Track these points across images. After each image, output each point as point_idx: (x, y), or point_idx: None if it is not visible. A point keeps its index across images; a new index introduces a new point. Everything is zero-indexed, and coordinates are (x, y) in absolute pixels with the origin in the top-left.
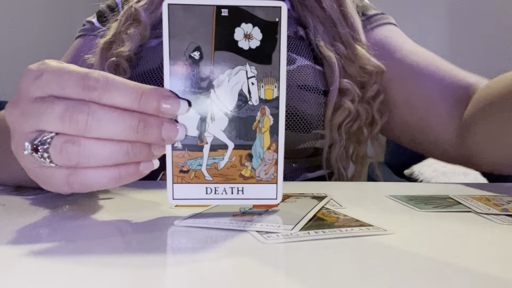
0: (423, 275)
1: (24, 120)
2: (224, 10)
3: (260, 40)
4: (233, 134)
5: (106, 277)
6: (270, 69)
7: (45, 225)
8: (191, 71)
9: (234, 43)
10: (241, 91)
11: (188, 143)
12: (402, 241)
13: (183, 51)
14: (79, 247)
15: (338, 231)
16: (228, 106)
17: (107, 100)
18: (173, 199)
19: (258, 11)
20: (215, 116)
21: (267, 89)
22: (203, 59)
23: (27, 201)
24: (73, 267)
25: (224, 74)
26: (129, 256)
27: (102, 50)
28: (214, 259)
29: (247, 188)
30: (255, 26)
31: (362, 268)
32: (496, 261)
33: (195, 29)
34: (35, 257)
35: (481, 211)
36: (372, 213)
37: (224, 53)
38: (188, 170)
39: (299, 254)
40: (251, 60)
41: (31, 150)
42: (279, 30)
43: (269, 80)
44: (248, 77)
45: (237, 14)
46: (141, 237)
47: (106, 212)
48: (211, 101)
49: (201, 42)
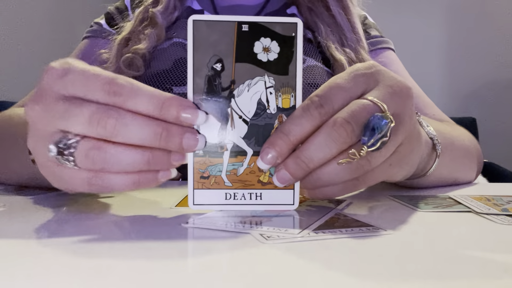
0: (423, 275)
1: (47, 118)
2: (244, 25)
3: (278, 53)
4: (252, 141)
5: (108, 276)
6: (287, 80)
7: (47, 225)
8: (213, 82)
9: (254, 56)
10: (260, 100)
11: (209, 149)
12: (402, 241)
13: (206, 63)
14: (81, 246)
15: (338, 232)
16: (247, 114)
17: (131, 106)
18: (193, 205)
19: (276, 27)
20: (235, 124)
21: (284, 98)
22: (224, 71)
23: (27, 201)
24: (75, 266)
25: (244, 84)
26: (129, 256)
27: (119, 45)
28: (214, 259)
29: (265, 194)
30: (273, 40)
31: (362, 268)
32: (496, 261)
33: (218, 43)
34: (37, 257)
35: (481, 211)
36: (372, 213)
37: (244, 65)
38: (208, 176)
39: (299, 254)
40: (269, 71)
41: (56, 153)
42: (295, 43)
43: (286, 90)
44: (267, 87)
45: (256, 29)
46: (141, 237)
47: (107, 212)
48: (231, 110)
49: (223, 54)
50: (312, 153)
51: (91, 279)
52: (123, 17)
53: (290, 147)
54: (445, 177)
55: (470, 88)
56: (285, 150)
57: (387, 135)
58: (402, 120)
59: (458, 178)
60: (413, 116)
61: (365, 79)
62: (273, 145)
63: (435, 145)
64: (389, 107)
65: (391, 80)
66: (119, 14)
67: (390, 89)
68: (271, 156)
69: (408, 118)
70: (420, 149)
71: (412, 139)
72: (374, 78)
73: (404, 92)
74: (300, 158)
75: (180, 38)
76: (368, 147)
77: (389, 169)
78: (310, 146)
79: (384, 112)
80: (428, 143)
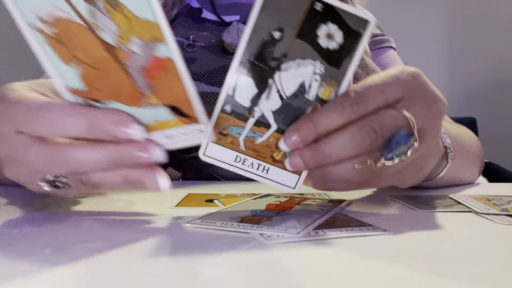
0: (423, 275)
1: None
2: (319, 4)
3: (339, 44)
4: (280, 118)
5: (108, 276)
6: (336, 73)
7: (45, 224)
8: (266, 48)
9: (315, 37)
10: (303, 83)
11: (237, 110)
12: (402, 241)
13: (267, 26)
14: (80, 246)
15: (338, 231)
16: (286, 91)
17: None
18: (203, 155)
19: (348, 17)
20: (271, 96)
21: (326, 89)
22: (281, 41)
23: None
24: (75, 265)
25: (294, 62)
26: (129, 255)
27: None
28: (214, 259)
29: (272, 170)
30: (340, 30)
31: (362, 268)
32: (496, 261)
33: (286, 11)
34: (37, 256)
35: (481, 211)
36: (372, 212)
37: (302, 43)
38: (227, 134)
39: (299, 254)
40: (323, 59)
41: (49, 187)
42: (359, 41)
43: (331, 82)
44: (314, 73)
45: (328, 12)
46: (141, 237)
47: (107, 211)
48: (272, 81)
49: (286, 25)
50: (332, 150)
51: (91, 278)
52: None
53: (315, 136)
54: (450, 180)
55: (470, 88)
56: (309, 138)
57: (407, 153)
58: (425, 137)
59: (462, 180)
60: (438, 133)
61: (405, 86)
62: (298, 130)
63: (448, 154)
64: (417, 122)
65: (429, 94)
66: None
67: (425, 105)
68: (294, 140)
69: (432, 135)
70: (435, 160)
71: (429, 154)
72: (414, 88)
73: (439, 108)
74: (318, 151)
75: (179, 36)
76: (386, 160)
77: (400, 178)
78: (332, 143)
79: (411, 128)
80: (441, 151)
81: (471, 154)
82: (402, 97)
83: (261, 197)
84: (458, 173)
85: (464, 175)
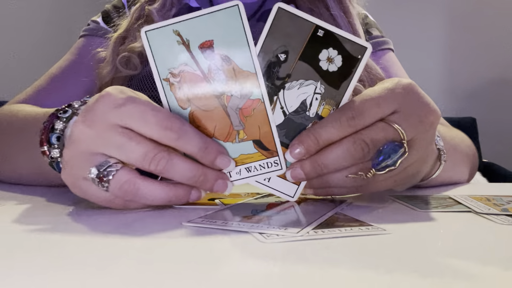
0: (423, 275)
1: (97, 144)
2: (321, 31)
3: (338, 67)
4: (282, 132)
5: (108, 275)
6: (334, 94)
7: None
8: (272, 68)
9: (317, 61)
10: (304, 101)
11: None
12: (402, 241)
13: (273, 49)
14: (80, 245)
15: (338, 231)
16: (289, 108)
17: (182, 144)
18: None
19: (347, 44)
20: (275, 111)
21: (325, 108)
22: (286, 63)
23: (27, 200)
24: (74, 265)
25: (297, 82)
26: (129, 255)
27: (114, 44)
28: (213, 258)
29: (273, 179)
30: (339, 54)
31: (362, 268)
32: (496, 261)
33: (291, 36)
34: (36, 256)
35: (481, 211)
36: (372, 212)
37: (305, 65)
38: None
39: (299, 254)
40: (323, 80)
41: (96, 176)
42: (357, 66)
43: (330, 101)
44: (315, 92)
45: (329, 38)
46: (142, 236)
47: (107, 211)
48: (277, 98)
49: (291, 48)
50: (329, 161)
51: (91, 277)
52: (120, 15)
53: (317, 148)
54: (444, 180)
55: (470, 88)
56: (312, 150)
57: (395, 165)
58: (417, 147)
59: (454, 180)
60: (431, 142)
61: (400, 99)
62: (302, 143)
63: (441, 155)
64: (409, 134)
65: (422, 107)
66: (116, 12)
67: (418, 117)
68: (298, 151)
69: (424, 144)
70: (428, 164)
71: (422, 161)
72: (408, 101)
73: (431, 120)
74: (318, 162)
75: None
76: (377, 171)
77: (393, 184)
78: (329, 155)
79: (402, 140)
80: (435, 153)
81: (463, 155)
82: (396, 110)
83: (263, 197)
84: (451, 173)
85: (456, 175)
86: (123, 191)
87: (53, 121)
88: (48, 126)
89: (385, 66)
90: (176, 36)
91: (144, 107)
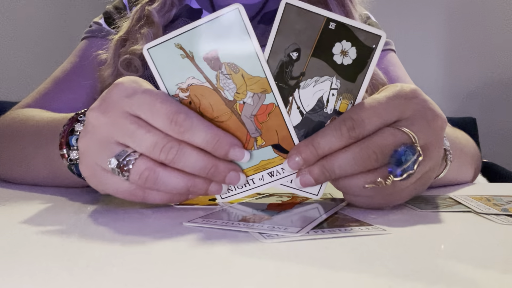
0: (422, 275)
1: (112, 131)
2: (332, 23)
3: (353, 59)
4: (301, 132)
5: (108, 275)
6: (351, 87)
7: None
8: (284, 68)
9: (330, 55)
10: (321, 98)
11: None
12: (402, 241)
13: (284, 48)
14: (79, 245)
15: (337, 231)
16: (306, 107)
17: (188, 138)
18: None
19: (360, 34)
20: (292, 112)
21: (343, 103)
22: (299, 61)
23: (27, 199)
24: (73, 264)
25: (312, 79)
26: (129, 254)
27: (115, 46)
28: (213, 258)
29: (296, 180)
30: (353, 46)
31: (361, 268)
32: (496, 261)
33: (301, 32)
34: (35, 256)
35: (481, 211)
36: (372, 212)
37: (318, 61)
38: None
39: (298, 253)
40: (338, 74)
41: (115, 166)
42: (372, 56)
43: (347, 96)
44: (331, 88)
45: (342, 30)
46: (142, 235)
47: (107, 211)
48: (292, 98)
49: (303, 45)
50: (336, 167)
51: (91, 277)
52: (122, 16)
53: (316, 158)
54: (449, 180)
55: (470, 88)
56: (310, 159)
57: (413, 168)
58: (431, 153)
59: (459, 180)
60: (442, 147)
61: (403, 105)
62: (300, 153)
63: (447, 156)
64: (419, 139)
65: (428, 112)
66: (117, 13)
67: (425, 122)
68: (296, 161)
69: (437, 150)
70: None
71: (436, 167)
72: (413, 107)
73: (439, 125)
74: (325, 167)
75: None
76: (395, 176)
77: (414, 191)
78: (335, 161)
79: (414, 143)
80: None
81: (468, 156)
82: (400, 117)
83: (264, 196)
84: (456, 173)
85: (461, 176)
86: (144, 178)
87: (73, 124)
88: (68, 129)
89: (387, 67)
90: (179, 49)
91: (153, 97)
